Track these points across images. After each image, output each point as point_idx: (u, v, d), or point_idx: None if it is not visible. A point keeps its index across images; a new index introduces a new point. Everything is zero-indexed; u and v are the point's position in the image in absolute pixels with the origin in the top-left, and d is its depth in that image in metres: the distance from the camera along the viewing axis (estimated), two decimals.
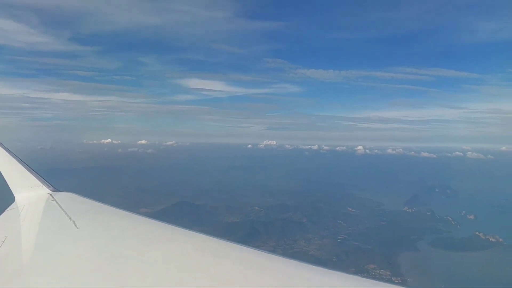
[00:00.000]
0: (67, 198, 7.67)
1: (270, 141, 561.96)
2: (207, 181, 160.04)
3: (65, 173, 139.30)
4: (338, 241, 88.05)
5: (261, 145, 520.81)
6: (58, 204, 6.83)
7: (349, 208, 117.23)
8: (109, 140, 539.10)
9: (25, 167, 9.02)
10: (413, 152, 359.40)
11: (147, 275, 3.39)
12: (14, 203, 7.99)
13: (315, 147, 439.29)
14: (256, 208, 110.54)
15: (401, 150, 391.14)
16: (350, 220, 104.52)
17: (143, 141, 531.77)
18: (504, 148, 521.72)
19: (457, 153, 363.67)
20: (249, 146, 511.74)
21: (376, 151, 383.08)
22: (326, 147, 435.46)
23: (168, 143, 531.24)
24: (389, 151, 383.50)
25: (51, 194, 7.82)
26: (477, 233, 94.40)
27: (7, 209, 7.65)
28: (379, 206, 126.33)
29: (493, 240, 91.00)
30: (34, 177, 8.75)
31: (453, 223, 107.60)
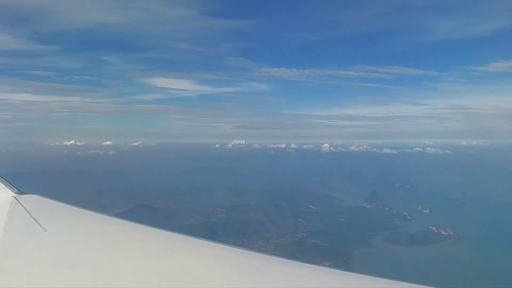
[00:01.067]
0: (33, 200, 7.26)
1: (239, 140, 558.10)
2: (170, 183, 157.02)
3: (19, 177, 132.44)
4: (296, 239, 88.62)
5: (229, 145, 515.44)
6: (23, 207, 6.48)
7: (310, 206, 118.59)
8: (72, 141, 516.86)
9: None
10: (375, 149, 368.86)
11: (118, 277, 3.35)
12: None
13: (283, 145, 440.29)
14: (218, 209, 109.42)
15: (365, 146, 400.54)
16: (310, 218, 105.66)
17: (108, 142, 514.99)
18: (464, 142, 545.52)
19: (417, 148, 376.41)
20: (217, 145, 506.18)
21: (340, 148, 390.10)
22: (293, 145, 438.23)
23: (134, 143, 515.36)
24: (353, 148, 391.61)
25: (15, 197, 7.34)
26: (430, 227, 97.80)
27: None
28: (340, 203, 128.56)
29: (444, 233, 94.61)
30: None
31: (409, 218, 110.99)
